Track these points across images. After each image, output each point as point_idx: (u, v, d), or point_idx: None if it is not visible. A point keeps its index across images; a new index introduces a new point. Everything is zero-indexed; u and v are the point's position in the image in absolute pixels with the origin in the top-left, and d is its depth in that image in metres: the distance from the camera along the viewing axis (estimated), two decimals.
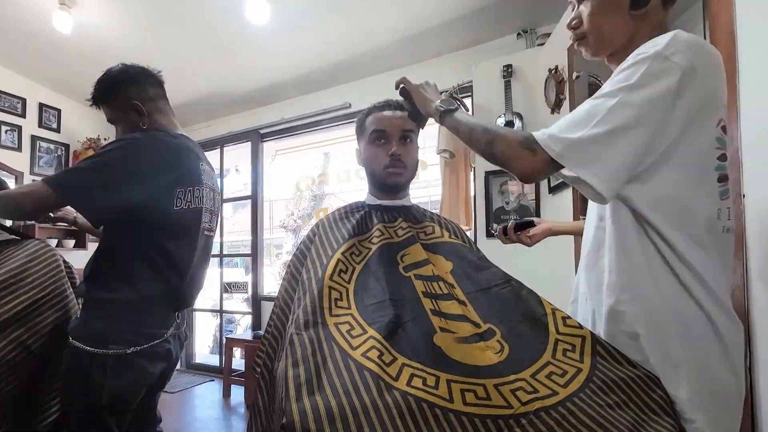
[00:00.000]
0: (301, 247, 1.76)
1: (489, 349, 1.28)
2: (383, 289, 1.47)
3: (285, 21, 4.30)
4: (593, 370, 1.23)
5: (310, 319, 1.36)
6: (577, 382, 1.20)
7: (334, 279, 1.50)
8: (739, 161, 1.58)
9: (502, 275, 1.56)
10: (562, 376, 1.21)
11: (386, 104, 1.89)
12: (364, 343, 1.27)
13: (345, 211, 1.87)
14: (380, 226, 1.72)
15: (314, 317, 1.37)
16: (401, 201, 1.88)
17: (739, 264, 1.59)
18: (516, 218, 3.86)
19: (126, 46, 4.74)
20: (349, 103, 5.39)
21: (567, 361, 1.26)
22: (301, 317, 1.37)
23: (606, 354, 1.27)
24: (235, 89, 5.77)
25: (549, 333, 1.34)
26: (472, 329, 1.33)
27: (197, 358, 7.02)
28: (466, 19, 4.23)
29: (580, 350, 1.28)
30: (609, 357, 1.26)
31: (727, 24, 1.63)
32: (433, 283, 1.49)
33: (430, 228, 1.79)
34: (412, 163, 1.85)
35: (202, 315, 7.48)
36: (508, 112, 3.86)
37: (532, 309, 1.42)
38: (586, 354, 1.27)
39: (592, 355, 1.26)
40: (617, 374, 1.22)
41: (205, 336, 8.07)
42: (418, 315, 1.37)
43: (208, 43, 4.75)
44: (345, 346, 1.27)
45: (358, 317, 1.38)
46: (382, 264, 1.57)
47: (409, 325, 1.34)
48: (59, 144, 6.07)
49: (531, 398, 1.14)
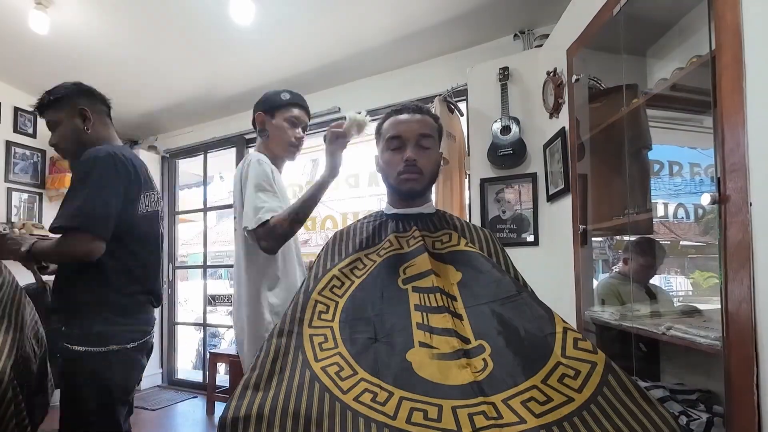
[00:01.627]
0: (316, 259, 1.84)
1: (469, 367, 1.27)
2: (373, 304, 1.50)
3: (271, 21, 4.29)
4: (590, 402, 1.18)
5: (286, 328, 1.47)
6: (558, 414, 1.15)
7: (323, 294, 1.57)
8: (745, 168, 1.57)
9: (515, 287, 1.54)
10: (543, 404, 1.17)
11: (404, 107, 1.88)
12: (329, 358, 1.35)
13: (361, 223, 1.92)
14: (392, 236, 1.76)
15: (290, 326, 1.48)
16: (419, 208, 1.89)
17: (746, 275, 1.57)
18: (512, 226, 3.86)
19: (105, 47, 4.71)
20: (338, 107, 5.35)
21: (560, 388, 1.22)
22: (278, 325, 1.49)
23: (618, 386, 1.22)
24: (218, 92, 5.74)
25: (552, 354, 1.31)
26: (458, 345, 1.34)
27: (179, 373, 6.98)
28: (460, 20, 4.23)
29: (584, 378, 1.24)
30: (621, 390, 1.21)
31: (733, 24, 1.63)
32: (429, 296, 1.50)
33: (446, 236, 1.79)
34: (430, 170, 1.84)
35: (185, 329, 7.44)
36: (504, 117, 3.84)
37: (539, 326, 1.39)
38: (590, 383, 1.22)
39: (598, 386, 1.22)
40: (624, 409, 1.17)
41: (187, 350, 8.02)
42: (400, 329, 1.41)
43: (190, 43, 4.72)
44: (310, 357, 1.36)
45: (336, 331, 1.45)
46: (381, 278, 1.61)
47: (385, 339, 1.39)
48: (35, 150, 5.99)
49: (489, 424, 1.12)
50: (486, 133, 3.94)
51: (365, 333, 1.42)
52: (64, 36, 4.56)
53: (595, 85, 2.91)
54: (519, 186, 3.89)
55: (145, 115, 6.37)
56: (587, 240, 2.87)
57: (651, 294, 2.64)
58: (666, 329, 2.06)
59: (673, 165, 2.63)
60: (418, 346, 1.34)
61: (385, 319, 1.45)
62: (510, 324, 1.41)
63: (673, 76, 2.21)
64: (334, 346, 1.39)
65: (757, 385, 1.53)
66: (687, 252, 2.83)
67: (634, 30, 2.44)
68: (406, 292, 1.54)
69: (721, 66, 1.67)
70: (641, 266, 2.73)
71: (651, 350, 2.53)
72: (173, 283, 6.96)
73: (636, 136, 2.56)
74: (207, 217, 6.91)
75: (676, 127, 2.61)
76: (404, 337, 1.38)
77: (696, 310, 2.34)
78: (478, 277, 1.59)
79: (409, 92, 4.72)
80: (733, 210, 1.61)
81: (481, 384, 1.22)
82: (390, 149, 1.83)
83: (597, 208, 2.83)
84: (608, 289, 2.90)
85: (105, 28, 4.47)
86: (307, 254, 6.08)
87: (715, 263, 1.75)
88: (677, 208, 2.66)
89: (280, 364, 1.35)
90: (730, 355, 1.63)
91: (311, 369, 1.31)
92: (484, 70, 4.10)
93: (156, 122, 6.67)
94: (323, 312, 1.52)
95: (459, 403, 1.17)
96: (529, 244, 3.81)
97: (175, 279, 7.03)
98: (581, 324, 2.79)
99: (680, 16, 2.40)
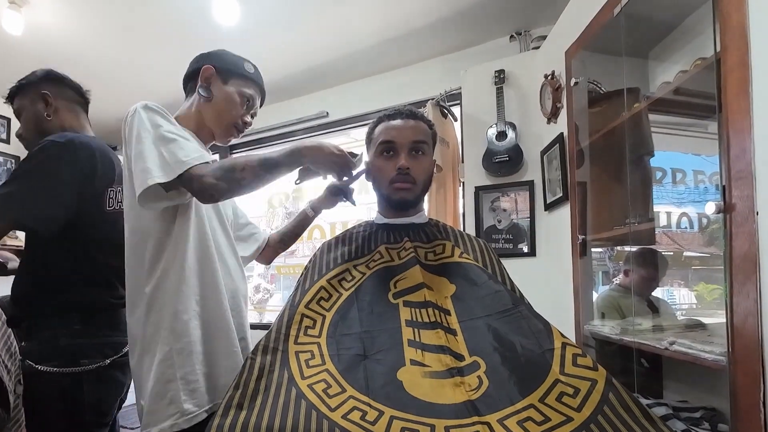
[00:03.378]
0: (303, 271, 1.81)
1: (463, 385, 1.27)
2: (362, 318, 1.51)
3: (256, 22, 4.27)
4: (590, 422, 1.17)
5: (271, 345, 1.46)
6: None
7: (310, 307, 1.56)
8: (752, 176, 1.57)
9: (511, 300, 1.53)
10: (540, 424, 1.16)
11: (397, 112, 1.87)
12: (316, 375, 1.35)
13: (350, 232, 1.91)
14: (382, 248, 1.75)
15: (275, 344, 1.46)
16: (411, 218, 1.88)
17: (753, 288, 1.56)
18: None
19: (82, 48, 4.68)
20: (326, 111, 5.37)
21: (558, 407, 1.21)
22: (262, 342, 1.47)
23: (619, 404, 1.21)
24: None
25: (550, 371, 1.30)
26: (451, 362, 1.33)
27: None
28: (454, 20, 4.23)
29: (583, 396, 1.22)
30: (622, 408, 1.20)
31: (739, 25, 1.63)
32: (421, 311, 1.50)
33: (440, 247, 1.78)
34: (423, 178, 1.83)
35: None
36: (500, 122, 3.84)
37: (537, 341, 1.39)
38: (590, 402, 1.21)
39: (598, 404, 1.21)
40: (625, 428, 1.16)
41: None
42: (391, 346, 1.41)
43: (171, 46, 4.69)
44: (296, 374, 1.35)
45: (324, 347, 1.45)
46: (370, 291, 1.61)
47: (375, 357, 1.39)
48: (9, 156, 5.95)
49: None
50: (481, 139, 3.95)
51: (353, 349, 1.41)
52: (40, 37, 4.53)
53: (595, 89, 2.91)
54: (515, 194, 3.89)
55: (122, 119, 6.22)
56: (587, 251, 2.87)
57: (653, 307, 2.64)
58: (669, 344, 2.05)
59: (676, 172, 2.62)
60: (410, 364, 1.34)
61: (375, 335, 1.45)
62: (506, 339, 1.40)
63: (677, 79, 2.20)
64: (321, 362, 1.39)
65: (764, 402, 1.53)
66: (691, 263, 2.82)
67: (635, 31, 2.44)
68: (396, 307, 1.53)
69: (727, 68, 1.67)
70: (643, 278, 2.72)
71: (653, 366, 2.53)
72: None
73: (637, 142, 2.56)
74: None
75: (680, 132, 2.61)
76: (395, 355, 1.37)
77: (700, 324, 2.33)
78: (473, 290, 1.59)
79: (400, 96, 4.72)
80: (739, 219, 1.60)
81: (476, 403, 1.21)
82: (381, 155, 1.82)
83: (597, 218, 2.83)
84: (608, 302, 2.89)
85: (83, 28, 4.44)
86: (293, 266, 6.05)
87: (720, 275, 1.74)
88: (680, 218, 2.65)
89: (264, 383, 1.34)
90: (735, 371, 1.63)
91: (297, 386, 1.30)
92: (479, 72, 4.11)
93: None
94: (310, 327, 1.51)
95: (452, 422, 1.16)
96: (526, 255, 3.81)
97: None
98: (580, 338, 2.78)
99: (684, 16, 2.41)
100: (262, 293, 6.77)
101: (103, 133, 6.55)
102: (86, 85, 2.33)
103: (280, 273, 6.02)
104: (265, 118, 5.73)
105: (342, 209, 6.39)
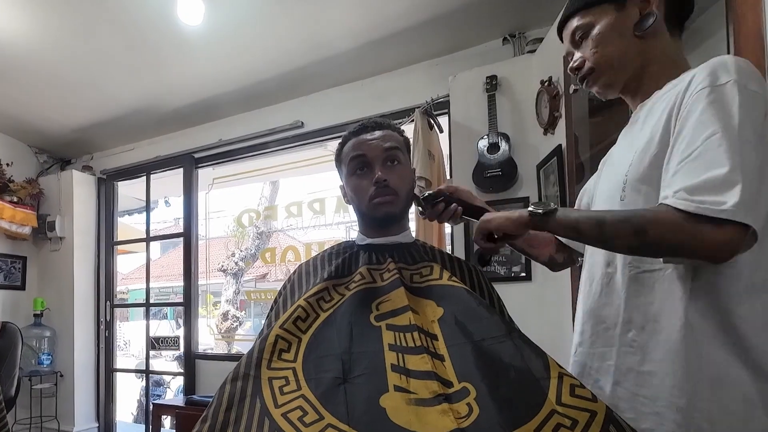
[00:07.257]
0: (277, 298, 1.83)
1: (451, 413, 1.25)
2: (341, 341, 1.50)
3: (223, 23, 4.24)
4: None
5: (242, 371, 1.44)
6: None
7: (285, 327, 1.54)
8: None
9: (503, 327, 1.51)
10: None
11: (362, 127, 1.86)
12: (291, 402, 1.34)
13: (329, 253, 1.92)
14: (363, 269, 1.74)
15: (247, 370, 1.44)
16: (396, 237, 1.87)
17: None
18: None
19: (32, 52, 4.60)
20: (301, 121, 5.36)
21: None
22: (233, 370, 1.45)
23: None
24: (164, 105, 5.68)
25: (546, 401, 1.28)
26: (439, 389, 1.32)
27: (118, 428, 6.90)
28: (442, 21, 4.21)
29: (582, 428, 1.21)
30: None
31: (754, 26, 1.61)
32: (405, 335, 1.50)
33: (427, 269, 1.77)
34: (404, 188, 1.82)
35: (125, 376, 7.39)
36: (492, 133, 3.82)
37: (531, 370, 1.37)
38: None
39: None
40: None
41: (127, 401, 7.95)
42: (373, 371, 1.40)
43: (131, 49, 4.65)
44: (269, 403, 1.34)
45: (299, 372, 1.44)
46: (350, 313, 1.59)
47: (356, 381, 1.38)
48: None
49: None
50: (471, 151, 3.93)
51: (332, 372, 1.41)
52: None
53: (596, 96, 2.89)
54: None
55: (79, 130, 6.29)
56: None
57: None
58: None
59: None
60: (393, 390, 1.33)
61: (355, 359, 1.44)
62: (499, 365, 1.39)
63: None
64: (296, 388, 1.38)
65: None
66: None
67: None
68: (379, 330, 1.53)
69: None
70: None
71: None
72: (111, 323, 6.85)
73: None
74: (150, 247, 6.87)
75: None
76: (377, 380, 1.37)
77: None
78: (462, 314, 1.57)
79: (382, 104, 4.73)
80: None
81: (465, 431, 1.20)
82: (355, 173, 1.81)
83: None
84: None
85: (32, 31, 4.38)
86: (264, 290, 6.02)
87: None
88: None
89: (234, 414, 1.33)
90: None
91: (271, 417, 1.29)
92: (469, 78, 4.11)
93: (91, 139, 6.60)
94: (284, 350, 1.50)
95: None
96: (521, 279, 3.81)
97: (114, 319, 6.93)
98: None
99: (694, 17, 2.39)
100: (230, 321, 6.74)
101: (55, 146, 6.53)
102: (35, 92, 2.28)
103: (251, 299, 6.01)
104: (234, 129, 5.74)
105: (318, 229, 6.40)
